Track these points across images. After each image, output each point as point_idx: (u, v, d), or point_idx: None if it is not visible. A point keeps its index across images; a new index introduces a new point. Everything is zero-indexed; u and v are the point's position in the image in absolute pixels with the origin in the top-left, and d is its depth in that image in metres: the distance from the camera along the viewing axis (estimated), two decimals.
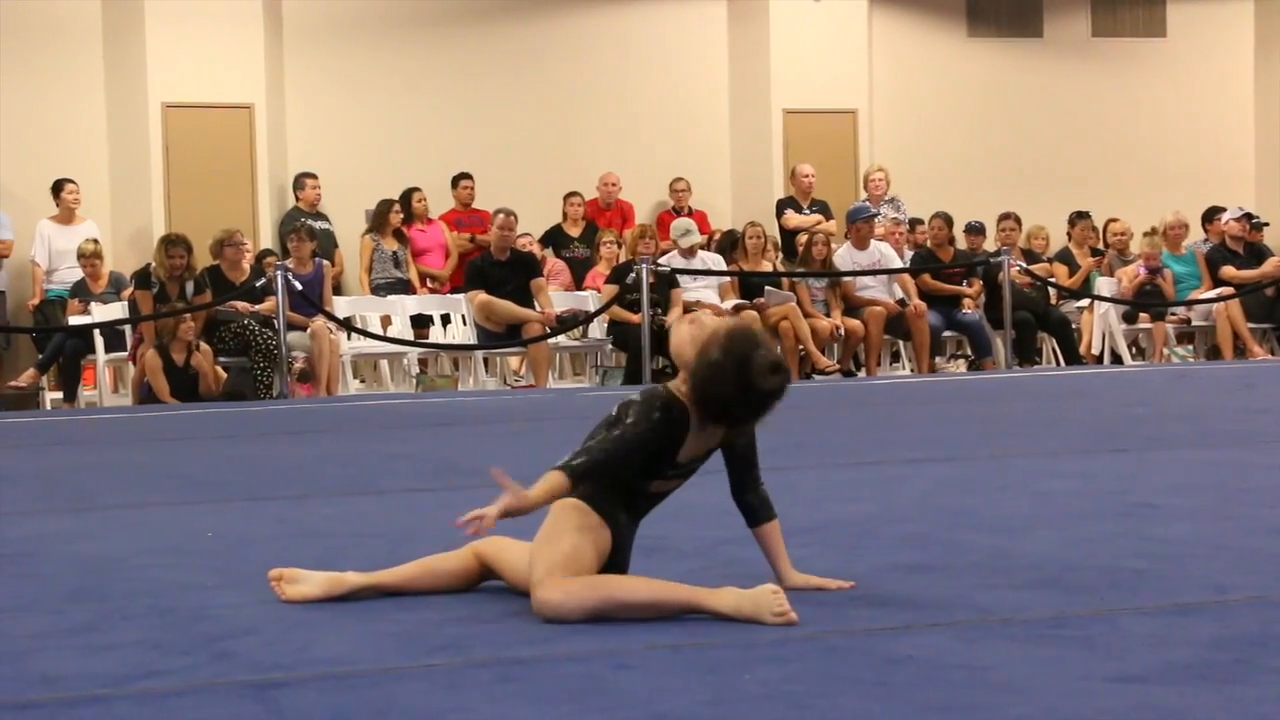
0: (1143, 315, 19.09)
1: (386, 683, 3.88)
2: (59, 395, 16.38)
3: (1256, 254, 19.46)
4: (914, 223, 19.56)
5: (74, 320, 16.44)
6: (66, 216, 17.66)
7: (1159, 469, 8.23)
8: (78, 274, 16.95)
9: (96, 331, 16.16)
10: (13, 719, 3.66)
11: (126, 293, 16.40)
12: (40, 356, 16.60)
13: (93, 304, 16.53)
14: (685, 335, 4.66)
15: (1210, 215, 20.14)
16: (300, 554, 5.87)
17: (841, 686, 3.70)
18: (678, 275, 17.37)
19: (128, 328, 16.10)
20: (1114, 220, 20.06)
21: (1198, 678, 3.68)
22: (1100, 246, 20.06)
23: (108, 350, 16.21)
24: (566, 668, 3.97)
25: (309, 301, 16.14)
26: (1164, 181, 21.42)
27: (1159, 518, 6.31)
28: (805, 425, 11.76)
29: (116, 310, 16.34)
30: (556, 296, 17.37)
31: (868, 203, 19.13)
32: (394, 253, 17.90)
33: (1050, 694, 3.58)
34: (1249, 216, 19.69)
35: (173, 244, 15.90)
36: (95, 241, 17.05)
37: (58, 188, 17.65)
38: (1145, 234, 19.51)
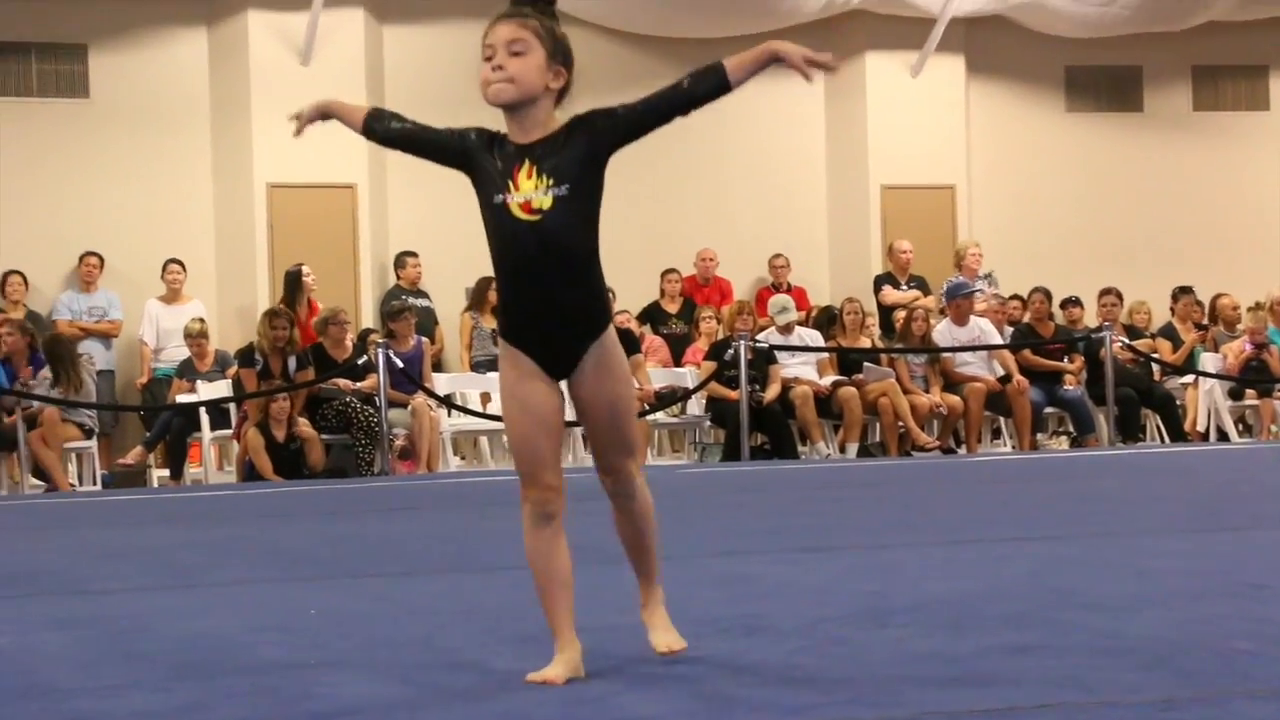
0: (1249, 392, 18.92)
1: None
2: (166, 473, 16.52)
3: None
4: (1013, 297, 19.49)
5: (180, 399, 16.60)
6: (172, 297, 17.85)
7: (1269, 548, 8.14)
8: (184, 353, 17.11)
9: (202, 409, 16.31)
10: None
11: (231, 371, 16.54)
12: (148, 434, 16.76)
13: (198, 382, 16.69)
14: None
15: None
16: (403, 631, 5.89)
17: None
18: (776, 351, 17.35)
19: (232, 405, 16.24)
20: (1223, 295, 19.87)
21: None
22: (1204, 321, 19.89)
23: (213, 428, 16.35)
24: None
25: (409, 379, 16.23)
26: (1269, 256, 21.27)
27: (1270, 598, 6.23)
28: (906, 503, 11.72)
29: (221, 388, 16.49)
30: (654, 373, 17.39)
31: (962, 276, 19.07)
32: (493, 330, 17.98)
33: None
34: None
35: (276, 315, 16.08)
36: (201, 320, 17.22)
37: (163, 269, 17.85)
38: (1250, 309, 19.34)
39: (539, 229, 4.53)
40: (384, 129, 4.81)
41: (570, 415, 4.86)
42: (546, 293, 4.57)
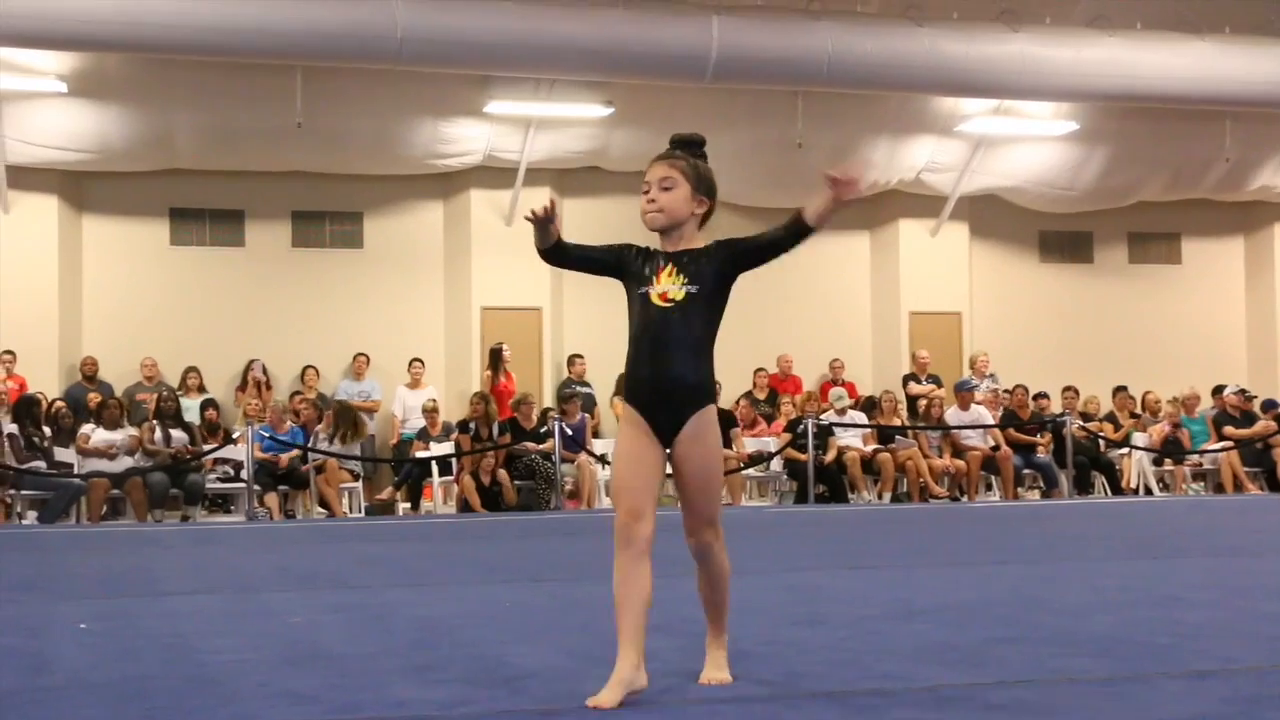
0: (1167, 460, 18.65)
1: (631, 715, 3.86)
2: (408, 505, 16.64)
3: (1249, 418, 19.01)
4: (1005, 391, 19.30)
5: (419, 454, 16.73)
6: (414, 384, 18.03)
7: (1182, 571, 7.99)
8: (422, 423, 17.24)
9: (433, 462, 16.43)
10: None
11: (453, 435, 16.66)
12: (396, 478, 16.90)
13: (431, 443, 16.81)
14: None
15: (1216, 390, 19.66)
16: (569, 618, 5.89)
17: None
18: (834, 427, 17.28)
19: (454, 460, 16.34)
20: (1149, 392, 19.66)
21: None
22: (1136, 410, 19.61)
23: (441, 475, 16.45)
24: (743, 708, 3.91)
25: (576, 443, 16.29)
26: (1181, 366, 20.91)
27: (1183, 606, 6.11)
28: (923, 537, 11.60)
29: (447, 448, 16.61)
30: (748, 441, 17.32)
31: (973, 377, 18.96)
32: None
33: None
34: (1243, 391, 19.35)
35: (481, 396, 16.37)
36: (434, 401, 17.36)
37: (409, 365, 18.04)
38: (1168, 402, 19.13)
39: (670, 313, 4.14)
40: (562, 251, 4.32)
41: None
42: (666, 363, 4.13)
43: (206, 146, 17.39)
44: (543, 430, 16.47)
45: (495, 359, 17.66)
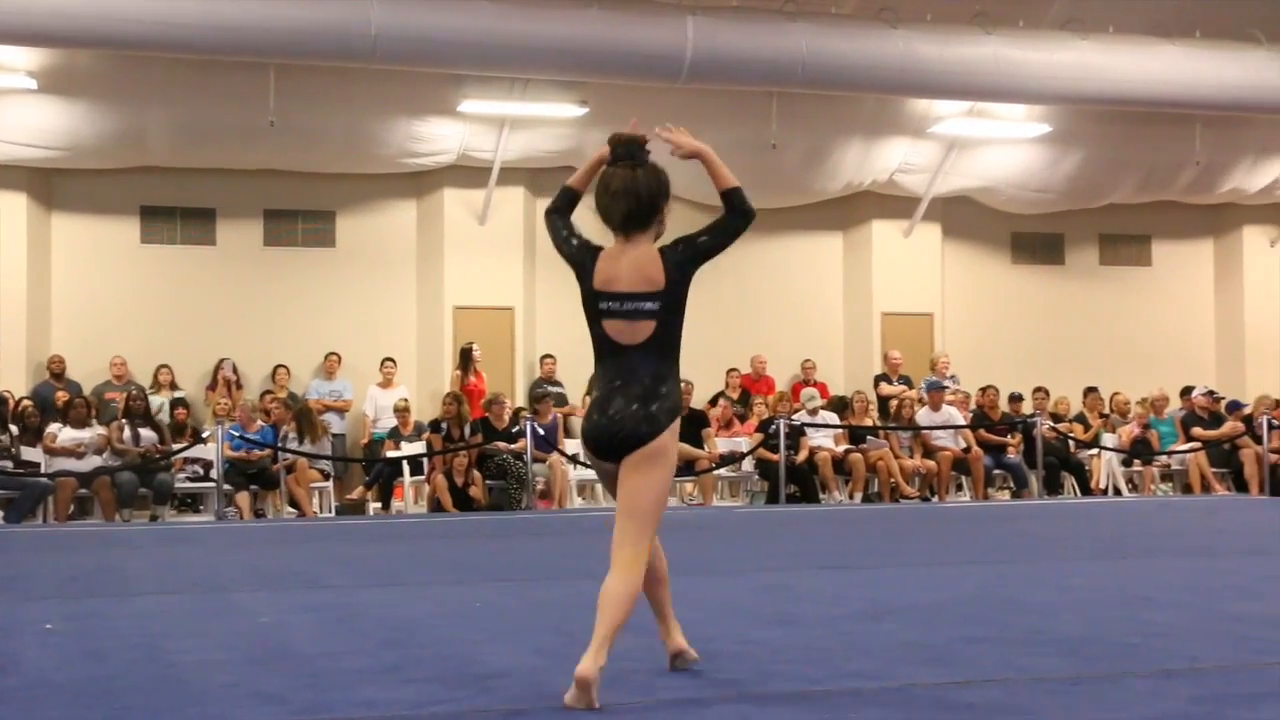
0: (1136, 461, 18.73)
1: (601, 715, 3.85)
2: (379, 505, 16.58)
3: (1217, 419, 19.09)
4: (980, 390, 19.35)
5: (390, 454, 16.67)
6: (386, 383, 17.97)
7: (1150, 571, 8.02)
8: (393, 422, 17.18)
9: (404, 462, 16.38)
10: None
11: (425, 436, 16.61)
12: (367, 478, 16.84)
13: (403, 443, 16.75)
14: None
15: (1185, 392, 19.75)
16: (541, 618, 5.88)
17: None
18: (805, 427, 17.29)
19: (425, 459, 16.29)
20: (1118, 393, 19.73)
21: None
22: (1106, 411, 19.69)
23: (412, 474, 16.40)
24: (714, 708, 3.91)
25: (548, 442, 16.26)
26: (1150, 367, 21.01)
27: (1152, 606, 6.14)
28: (894, 537, 11.62)
29: (418, 447, 16.55)
30: (720, 441, 17.32)
31: (937, 377, 18.98)
32: None
33: None
34: (1211, 393, 19.42)
35: (453, 396, 16.34)
36: (405, 400, 17.30)
37: (381, 364, 17.99)
38: (1137, 403, 19.21)
39: None
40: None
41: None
42: None
43: (178, 144, 17.30)
44: (515, 430, 16.44)
45: (465, 359, 17.66)
